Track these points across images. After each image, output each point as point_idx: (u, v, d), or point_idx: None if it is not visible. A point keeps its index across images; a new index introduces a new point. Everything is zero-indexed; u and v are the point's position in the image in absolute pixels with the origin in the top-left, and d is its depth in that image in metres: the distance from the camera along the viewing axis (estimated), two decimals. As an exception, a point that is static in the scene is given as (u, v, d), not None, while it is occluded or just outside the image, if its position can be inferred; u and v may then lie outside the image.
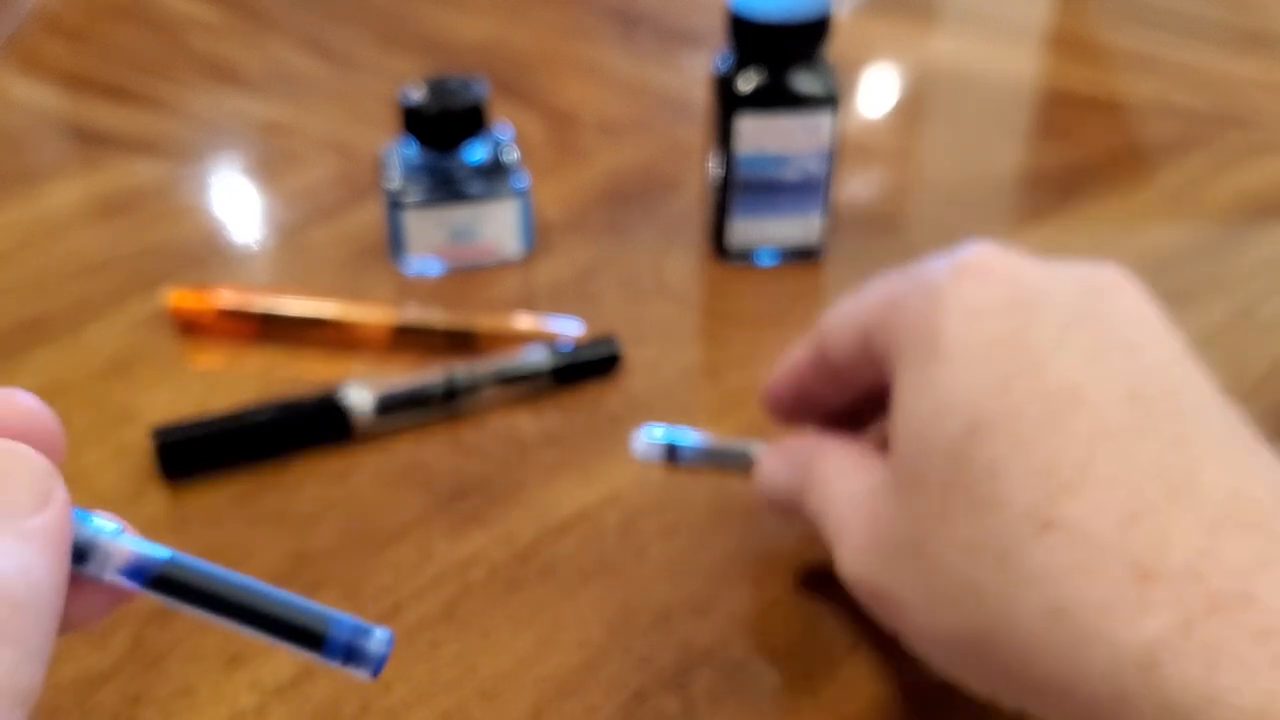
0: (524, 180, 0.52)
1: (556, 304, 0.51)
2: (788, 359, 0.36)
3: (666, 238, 0.56)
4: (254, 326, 0.48)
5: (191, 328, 0.48)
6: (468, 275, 0.53)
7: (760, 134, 0.50)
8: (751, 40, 0.48)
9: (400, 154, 0.52)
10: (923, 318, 0.29)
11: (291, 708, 0.33)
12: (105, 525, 0.20)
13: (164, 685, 0.34)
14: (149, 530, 0.22)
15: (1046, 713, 0.25)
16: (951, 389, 0.27)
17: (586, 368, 0.46)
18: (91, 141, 0.65)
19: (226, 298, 0.48)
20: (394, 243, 0.52)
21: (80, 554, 0.20)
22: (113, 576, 0.20)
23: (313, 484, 0.41)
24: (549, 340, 0.47)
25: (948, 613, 0.27)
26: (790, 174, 0.51)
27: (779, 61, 0.49)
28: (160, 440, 0.40)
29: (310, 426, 0.42)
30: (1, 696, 0.16)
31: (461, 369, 0.44)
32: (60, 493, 0.19)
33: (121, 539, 0.20)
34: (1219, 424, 0.27)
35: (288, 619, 0.20)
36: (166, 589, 0.20)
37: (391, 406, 0.43)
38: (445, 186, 0.51)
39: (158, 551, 0.20)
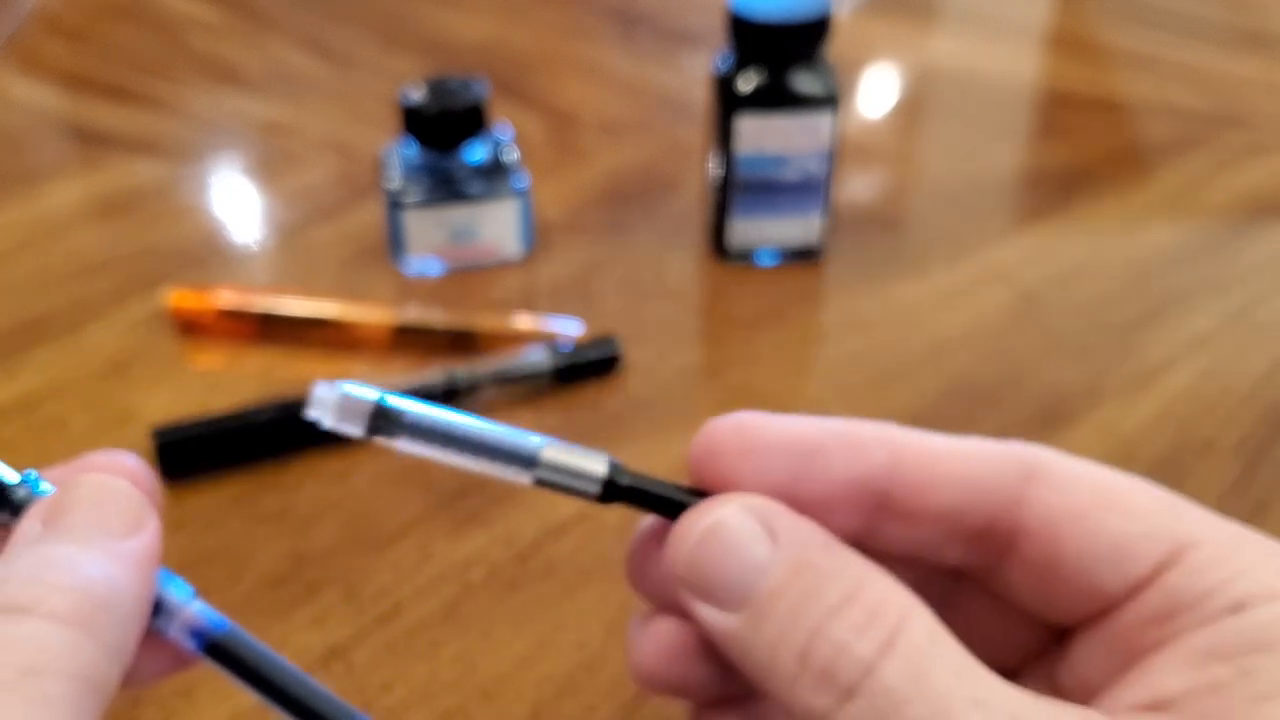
0: (524, 180, 0.52)
1: (556, 304, 0.51)
2: None
3: (666, 238, 0.56)
4: (254, 326, 0.48)
5: (191, 328, 0.48)
6: (468, 275, 0.53)
7: (760, 134, 0.50)
8: (751, 40, 0.48)
9: (400, 154, 0.52)
10: None
11: (291, 708, 0.33)
12: (181, 588, 0.22)
13: (164, 685, 0.34)
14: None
15: None
16: None
17: (586, 368, 0.46)
18: (91, 141, 0.65)
19: (226, 298, 0.48)
20: (394, 243, 0.52)
21: (154, 607, 0.21)
22: (176, 633, 0.22)
23: (313, 484, 0.41)
24: (549, 340, 0.47)
25: None
26: (790, 174, 0.51)
27: (779, 61, 0.49)
28: (160, 440, 0.40)
29: (310, 426, 0.42)
30: (78, 683, 0.18)
31: (461, 369, 0.44)
32: (152, 525, 0.21)
33: (192, 603, 0.22)
34: None
35: (317, 712, 0.22)
36: (218, 656, 0.22)
37: (391, 406, 0.43)
38: (445, 186, 0.51)
39: (218, 621, 0.22)
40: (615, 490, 0.22)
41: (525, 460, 0.22)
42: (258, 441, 0.42)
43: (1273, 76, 0.74)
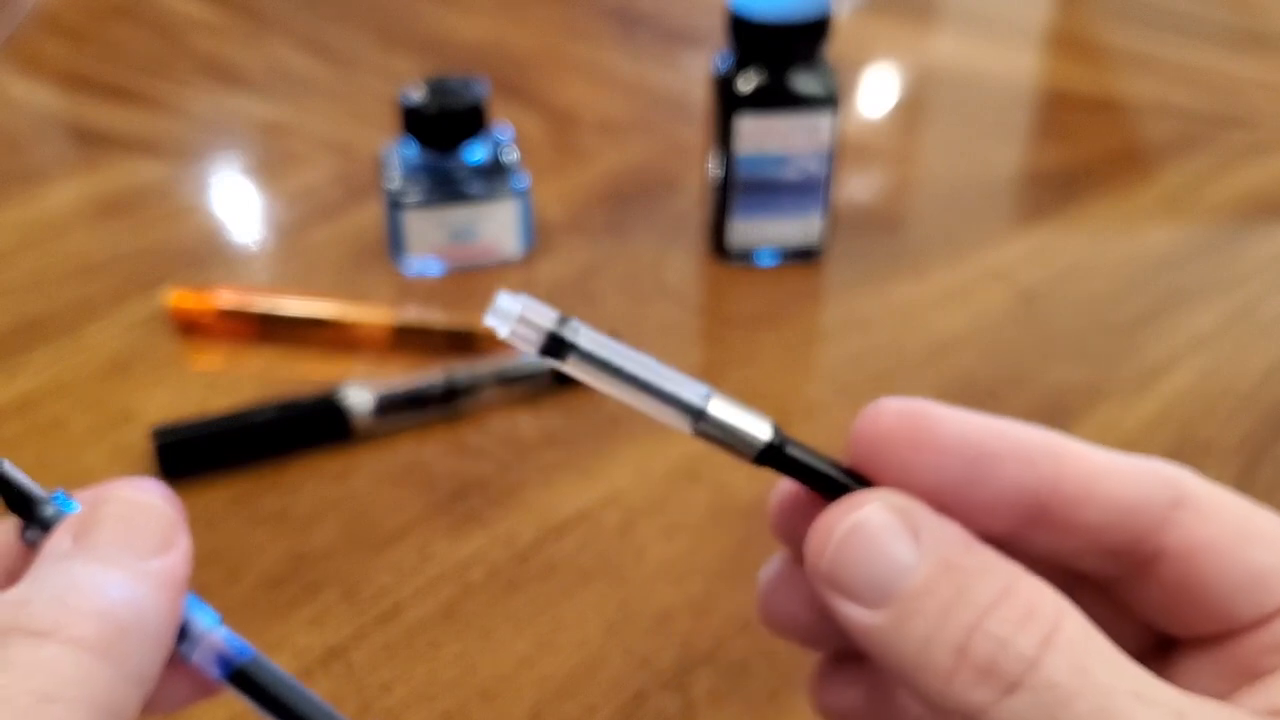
0: (524, 180, 0.52)
1: (556, 304, 0.50)
2: None
3: (666, 238, 0.56)
4: (254, 326, 0.48)
5: (191, 328, 0.48)
6: (468, 275, 0.53)
7: (760, 134, 0.50)
8: (751, 40, 0.48)
9: (400, 154, 0.52)
10: None
11: (291, 708, 0.33)
12: (206, 613, 0.22)
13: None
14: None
15: None
16: None
17: (586, 368, 0.46)
18: (91, 141, 0.65)
19: (226, 298, 0.48)
20: (394, 243, 0.52)
21: (179, 632, 0.21)
22: (200, 659, 0.21)
23: (313, 484, 0.41)
24: (549, 340, 0.47)
25: None
26: (790, 174, 0.51)
27: (779, 61, 0.49)
28: (160, 440, 0.40)
29: (310, 426, 0.42)
30: (95, 711, 0.18)
31: (461, 369, 0.44)
32: (182, 544, 0.21)
33: (217, 629, 0.22)
34: None
35: None
36: (241, 684, 0.21)
37: (391, 407, 0.43)
38: (445, 186, 0.51)
39: (243, 648, 0.22)
40: (773, 457, 0.22)
41: (691, 411, 0.22)
42: (258, 441, 0.42)
43: (1273, 76, 0.74)
